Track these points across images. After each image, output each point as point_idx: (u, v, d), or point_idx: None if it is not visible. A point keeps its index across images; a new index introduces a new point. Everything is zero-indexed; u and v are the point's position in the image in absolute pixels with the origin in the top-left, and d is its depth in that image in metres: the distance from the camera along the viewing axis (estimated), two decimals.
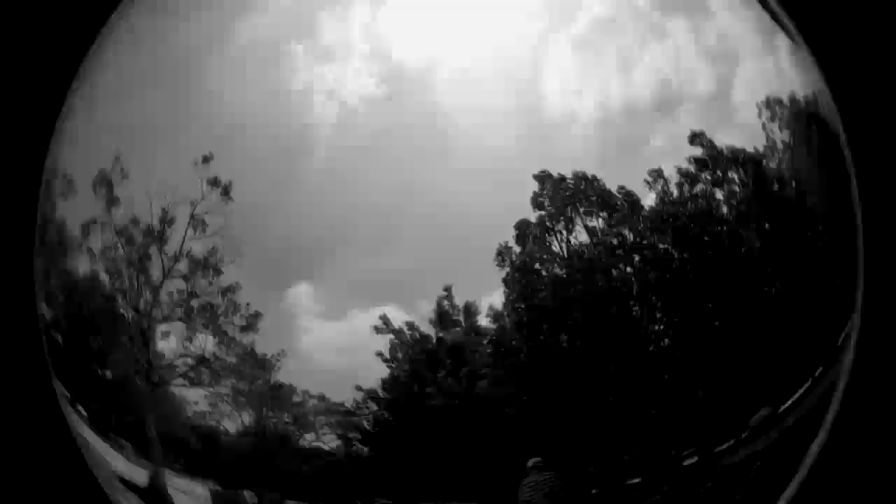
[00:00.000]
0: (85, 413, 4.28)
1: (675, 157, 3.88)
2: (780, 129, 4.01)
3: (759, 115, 3.97)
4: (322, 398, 3.97)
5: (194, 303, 3.89)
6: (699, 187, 3.96)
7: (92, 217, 4.03)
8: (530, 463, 4.03)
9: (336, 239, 3.85)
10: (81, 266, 4.07)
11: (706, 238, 3.99)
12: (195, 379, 3.96)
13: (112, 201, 3.96)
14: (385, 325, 3.95)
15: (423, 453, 4.03)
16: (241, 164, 3.88)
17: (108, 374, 4.16)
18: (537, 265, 3.94)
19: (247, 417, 4.05)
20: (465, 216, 3.82)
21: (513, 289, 3.93)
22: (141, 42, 4.19)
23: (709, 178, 3.95)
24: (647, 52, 3.91)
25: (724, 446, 4.05)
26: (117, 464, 4.21)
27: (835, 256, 4.19)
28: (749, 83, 3.96)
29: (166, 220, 3.87)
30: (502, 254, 3.90)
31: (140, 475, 4.17)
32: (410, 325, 3.95)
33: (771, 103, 4.00)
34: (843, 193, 4.20)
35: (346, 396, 3.98)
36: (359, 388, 3.97)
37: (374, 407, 4.02)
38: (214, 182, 3.80)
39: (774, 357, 4.08)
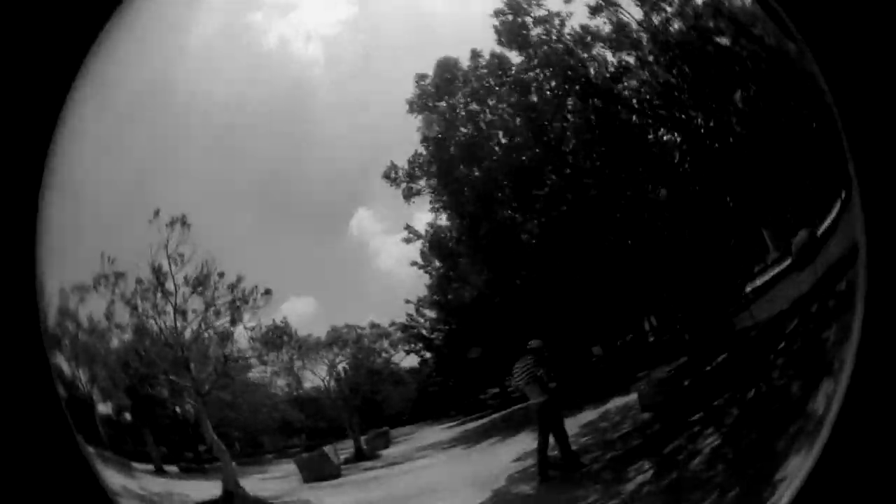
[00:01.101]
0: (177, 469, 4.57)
1: None
2: None
3: None
4: (374, 325, 4.27)
5: (214, 309, 4.32)
6: None
7: (110, 300, 4.41)
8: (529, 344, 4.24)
9: (368, 163, 4.14)
10: (119, 342, 4.45)
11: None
12: (235, 371, 4.35)
13: (116, 282, 4.40)
14: (412, 235, 4.22)
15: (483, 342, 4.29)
16: (253, 138, 4.19)
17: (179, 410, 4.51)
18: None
19: (320, 372, 4.34)
20: None
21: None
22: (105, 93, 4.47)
23: None
24: None
25: (779, 270, 4.31)
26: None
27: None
28: None
29: (156, 270, 4.32)
30: (389, 175, 4.18)
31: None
32: (432, 225, 4.23)
33: None
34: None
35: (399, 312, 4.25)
36: (407, 301, 4.23)
37: (430, 314, 4.26)
38: (171, 222, 4.26)
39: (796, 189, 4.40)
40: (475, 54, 4.20)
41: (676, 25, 4.33)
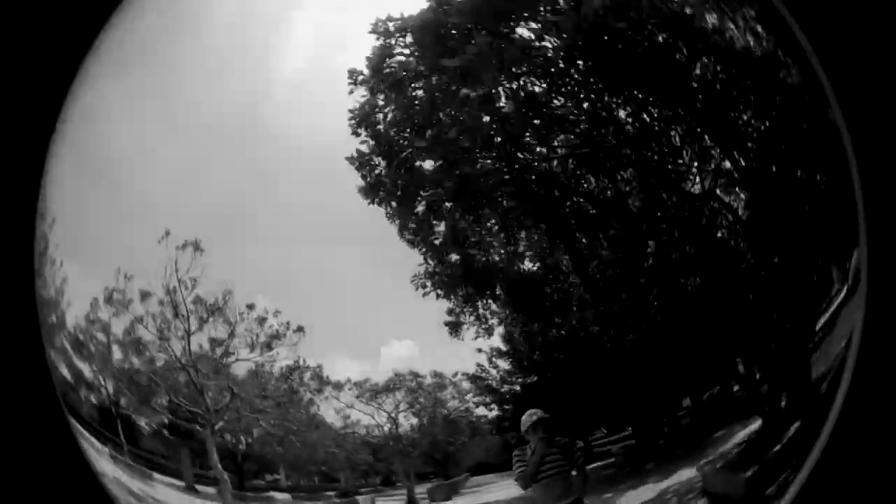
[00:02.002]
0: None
1: None
2: None
3: None
4: (436, 374, 4.17)
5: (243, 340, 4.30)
6: None
7: (134, 317, 4.34)
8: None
9: None
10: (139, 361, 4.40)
11: None
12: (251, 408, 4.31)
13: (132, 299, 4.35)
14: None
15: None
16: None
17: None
18: None
19: (379, 417, 4.23)
20: None
21: None
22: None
23: None
24: None
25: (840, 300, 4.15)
26: None
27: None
28: None
29: (170, 292, 4.28)
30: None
31: None
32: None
33: None
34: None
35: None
36: (479, 350, 4.11)
37: (502, 365, 4.14)
38: (183, 245, 4.23)
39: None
40: None
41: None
